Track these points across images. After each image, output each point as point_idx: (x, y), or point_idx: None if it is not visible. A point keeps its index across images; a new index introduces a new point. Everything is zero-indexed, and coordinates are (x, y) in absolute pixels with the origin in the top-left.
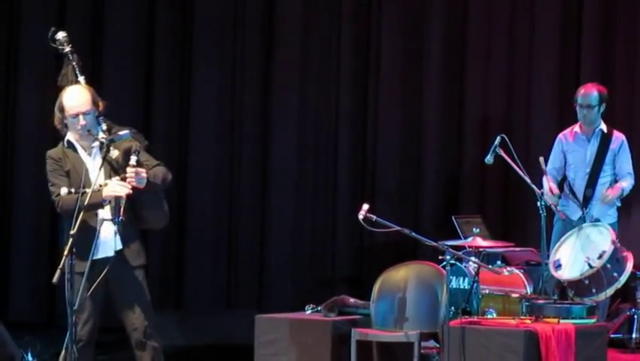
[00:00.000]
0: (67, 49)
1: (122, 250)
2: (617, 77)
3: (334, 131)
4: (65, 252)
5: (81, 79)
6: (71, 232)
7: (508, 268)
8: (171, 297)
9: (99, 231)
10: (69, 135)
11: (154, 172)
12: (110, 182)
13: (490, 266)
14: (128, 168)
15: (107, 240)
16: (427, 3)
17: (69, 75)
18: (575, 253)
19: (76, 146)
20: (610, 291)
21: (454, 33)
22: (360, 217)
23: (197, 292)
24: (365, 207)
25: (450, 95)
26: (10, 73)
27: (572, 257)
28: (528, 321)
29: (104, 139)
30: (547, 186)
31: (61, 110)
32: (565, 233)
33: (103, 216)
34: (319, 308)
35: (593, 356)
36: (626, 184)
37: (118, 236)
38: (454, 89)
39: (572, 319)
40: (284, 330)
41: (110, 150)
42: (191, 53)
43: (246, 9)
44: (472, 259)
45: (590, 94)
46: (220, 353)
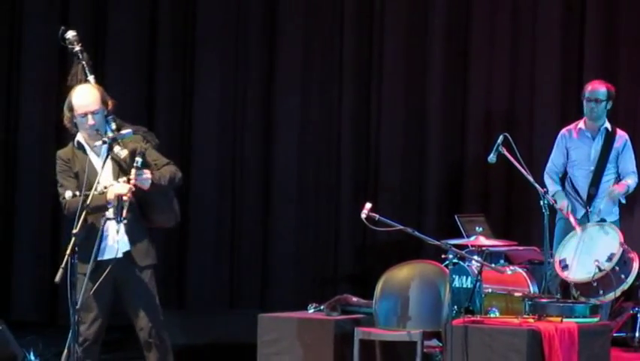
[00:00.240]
0: (77, 48)
1: (130, 250)
2: (620, 76)
3: (337, 130)
4: (68, 251)
5: (91, 78)
6: (73, 232)
7: (510, 267)
8: (174, 296)
9: (105, 232)
10: (79, 135)
11: (161, 173)
12: (115, 183)
13: (493, 265)
14: (132, 170)
15: (114, 241)
16: (429, 1)
17: (79, 74)
18: (582, 254)
19: (86, 146)
20: (617, 292)
21: (456, 32)
22: (363, 216)
23: (199, 292)
24: (368, 206)
25: (453, 94)
26: (13, 72)
27: (579, 258)
28: (531, 320)
29: (106, 138)
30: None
31: (71, 110)
32: (568, 231)
33: (107, 215)
34: (322, 307)
35: (596, 355)
36: (631, 181)
37: (125, 237)
38: (456, 88)
39: (575, 318)
40: (286, 329)
41: (119, 150)
42: (194, 52)
43: (249, 9)
44: (475, 257)
45: (599, 88)
46: (223, 353)
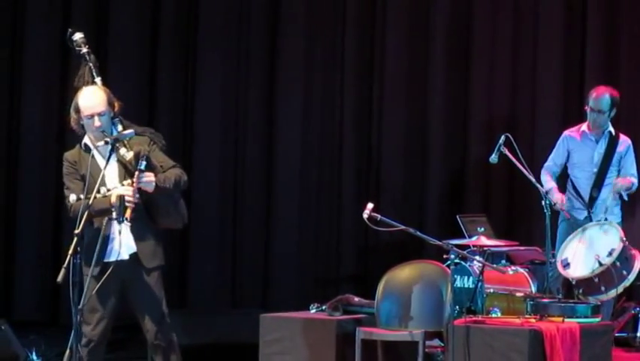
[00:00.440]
0: (85, 50)
1: (136, 252)
2: (622, 76)
3: (339, 130)
4: (70, 251)
5: (98, 80)
6: (75, 232)
7: (512, 267)
8: (176, 296)
9: (112, 234)
10: (86, 137)
11: (166, 175)
12: (119, 186)
13: (495, 265)
14: (136, 173)
15: (120, 243)
16: (431, 2)
17: (86, 76)
18: (583, 252)
19: (92, 148)
20: (620, 289)
21: (458, 31)
22: (365, 216)
23: (201, 291)
24: (370, 206)
25: (455, 94)
26: (15, 73)
27: (580, 255)
28: (533, 320)
29: (108, 138)
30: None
31: (77, 111)
32: (570, 233)
33: (111, 216)
34: (324, 307)
35: (597, 355)
36: (635, 180)
37: (131, 239)
38: (458, 88)
39: (577, 318)
40: (289, 329)
41: (124, 152)
42: (196, 52)
43: (251, 9)
44: (477, 258)
45: (602, 99)
46: (225, 352)
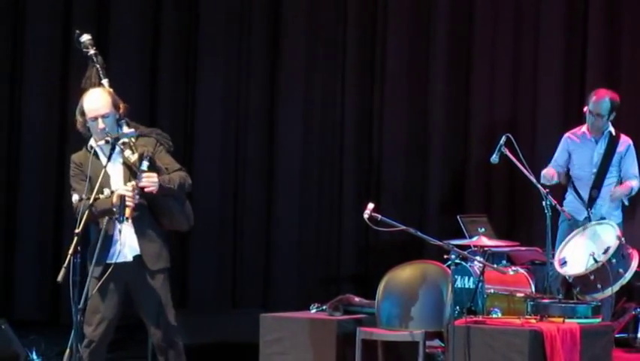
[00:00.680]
0: (92, 51)
1: (140, 254)
2: (623, 76)
3: (340, 130)
4: (70, 251)
5: (105, 81)
6: (76, 231)
7: (513, 268)
8: (176, 296)
9: (116, 236)
10: (92, 139)
11: (170, 177)
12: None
13: (495, 265)
14: (138, 173)
15: (124, 245)
16: (432, 3)
17: (93, 78)
18: (580, 250)
19: (98, 150)
20: (615, 287)
21: (459, 32)
22: (366, 216)
23: (202, 291)
24: (370, 206)
25: (456, 95)
26: (16, 73)
27: (577, 254)
28: (533, 320)
29: (109, 137)
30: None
31: (82, 114)
32: (570, 233)
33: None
34: (324, 307)
35: (598, 356)
36: (635, 184)
37: (135, 241)
38: (459, 88)
39: (577, 318)
40: (289, 329)
41: (129, 154)
42: (197, 52)
43: (252, 10)
44: (477, 258)
45: (602, 102)
46: (225, 352)
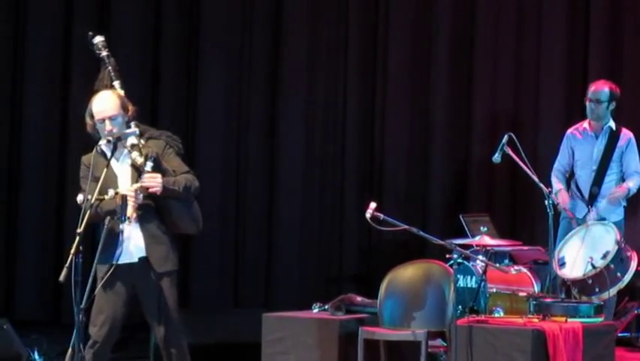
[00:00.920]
0: (104, 53)
1: (146, 256)
2: (626, 74)
3: (341, 130)
4: (72, 250)
5: (116, 83)
6: (78, 231)
7: (515, 267)
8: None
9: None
10: (101, 141)
11: (176, 179)
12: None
13: (498, 265)
14: (143, 174)
15: (130, 246)
16: (434, 2)
17: (105, 80)
18: (580, 252)
19: (107, 152)
20: (613, 291)
21: (461, 31)
22: (368, 216)
23: (204, 291)
24: (372, 205)
25: (458, 94)
26: (17, 72)
27: (577, 256)
28: (535, 320)
29: (110, 137)
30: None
31: (91, 116)
32: (570, 231)
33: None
34: (326, 307)
35: (600, 355)
36: (632, 184)
37: (142, 242)
38: (461, 88)
39: (580, 317)
40: (291, 329)
41: (136, 155)
42: (198, 52)
43: (254, 8)
44: (480, 257)
45: (601, 90)
46: (227, 352)
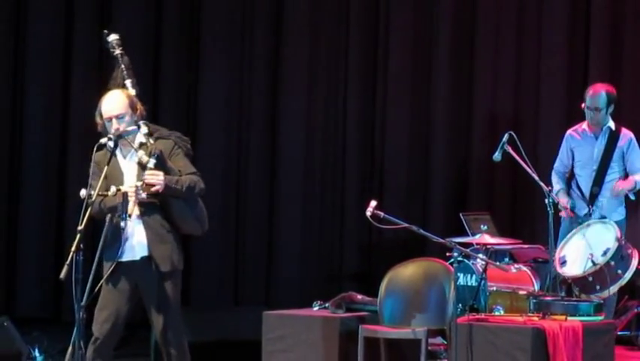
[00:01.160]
0: (118, 51)
1: (149, 255)
2: (625, 73)
3: (342, 129)
4: (73, 248)
5: (128, 82)
6: (78, 228)
7: (515, 265)
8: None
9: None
10: (102, 139)
11: (179, 178)
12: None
13: (498, 263)
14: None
15: (134, 244)
16: (435, 2)
17: (118, 78)
18: (580, 250)
19: (117, 150)
20: (613, 288)
21: (462, 31)
22: (368, 214)
23: (204, 289)
24: (373, 203)
25: (458, 92)
26: (18, 72)
27: (577, 254)
28: (535, 318)
29: (111, 135)
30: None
31: (101, 116)
32: (572, 230)
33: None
34: (327, 305)
35: (600, 354)
36: (639, 178)
37: (145, 241)
38: (462, 87)
39: (580, 316)
40: (291, 327)
41: (142, 154)
42: (199, 51)
43: (255, 8)
44: (480, 256)
45: (598, 96)
46: (227, 350)
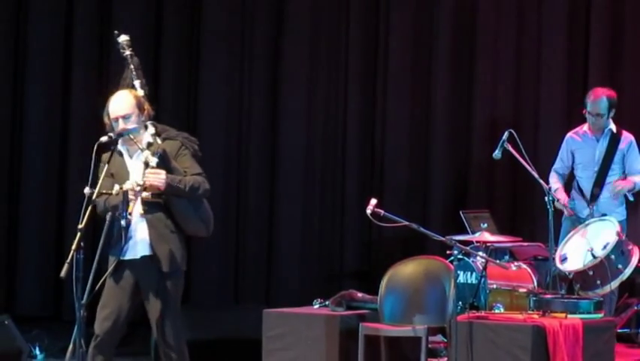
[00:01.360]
0: (127, 52)
1: (150, 255)
2: (626, 74)
3: (342, 127)
4: (73, 246)
5: (136, 82)
6: (79, 226)
7: (515, 263)
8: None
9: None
10: (102, 138)
11: (182, 178)
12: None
13: (498, 261)
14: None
15: (136, 242)
16: (435, 1)
17: (127, 79)
18: (581, 246)
19: (122, 150)
20: (614, 283)
21: (462, 31)
22: (369, 212)
23: (204, 287)
24: (373, 202)
25: (458, 91)
26: (18, 72)
27: (577, 250)
28: (535, 316)
29: (112, 134)
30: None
31: (108, 116)
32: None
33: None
34: (327, 303)
35: (600, 351)
36: (638, 179)
37: (147, 240)
38: (462, 86)
39: (580, 314)
40: (292, 325)
41: (147, 154)
42: (199, 50)
43: (255, 7)
44: (480, 253)
45: (600, 102)
46: (228, 348)
